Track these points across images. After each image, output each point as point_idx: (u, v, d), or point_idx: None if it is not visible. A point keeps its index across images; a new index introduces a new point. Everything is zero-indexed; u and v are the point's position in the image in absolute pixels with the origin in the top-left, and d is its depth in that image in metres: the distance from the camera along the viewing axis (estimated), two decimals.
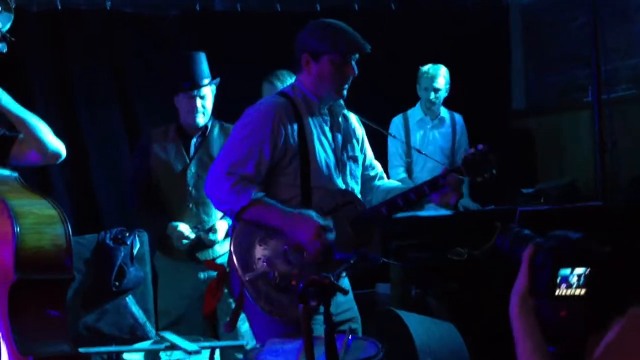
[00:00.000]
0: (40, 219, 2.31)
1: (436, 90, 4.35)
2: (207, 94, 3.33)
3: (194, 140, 3.37)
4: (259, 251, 2.40)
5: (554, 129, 5.34)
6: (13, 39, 2.39)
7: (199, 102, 3.29)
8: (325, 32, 2.45)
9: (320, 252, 2.33)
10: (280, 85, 3.62)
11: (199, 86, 3.28)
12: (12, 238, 2.22)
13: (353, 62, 2.48)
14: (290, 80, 3.50)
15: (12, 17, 2.36)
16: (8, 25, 2.36)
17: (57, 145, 2.53)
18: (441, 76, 4.34)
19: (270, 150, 2.42)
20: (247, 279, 2.38)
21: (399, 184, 2.82)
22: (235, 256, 2.42)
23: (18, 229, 2.23)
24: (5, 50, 2.39)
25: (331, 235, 2.34)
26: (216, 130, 3.40)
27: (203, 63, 3.36)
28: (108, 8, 4.50)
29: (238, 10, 4.85)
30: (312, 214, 2.38)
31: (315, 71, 2.48)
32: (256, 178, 2.42)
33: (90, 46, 4.47)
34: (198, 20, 4.74)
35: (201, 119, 3.32)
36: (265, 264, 2.38)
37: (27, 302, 2.26)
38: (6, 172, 2.48)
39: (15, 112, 2.43)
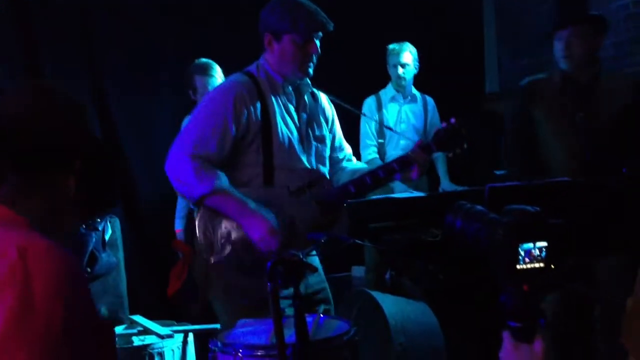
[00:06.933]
0: None
1: (403, 66, 4.38)
2: None
3: None
4: (224, 234, 2.36)
5: None
6: None
7: None
8: (285, 11, 2.39)
9: (267, 252, 2.29)
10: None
11: None
12: None
13: (317, 41, 2.42)
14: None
15: None
16: None
17: None
18: (407, 52, 4.38)
19: (235, 126, 2.36)
20: (212, 261, 2.35)
21: (365, 165, 2.77)
22: (200, 238, 2.38)
23: None
24: None
25: (279, 239, 2.29)
26: None
27: None
28: None
29: None
30: (269, 215, 2.33)
31: (278, 50, 2.43)
32: (219, 157, 2.36)
33: (61, 30, 4.40)
34: (175, 5, 4.67)
35: None
36: (230, 246, 2.35)
37: None
38: None
39: None
